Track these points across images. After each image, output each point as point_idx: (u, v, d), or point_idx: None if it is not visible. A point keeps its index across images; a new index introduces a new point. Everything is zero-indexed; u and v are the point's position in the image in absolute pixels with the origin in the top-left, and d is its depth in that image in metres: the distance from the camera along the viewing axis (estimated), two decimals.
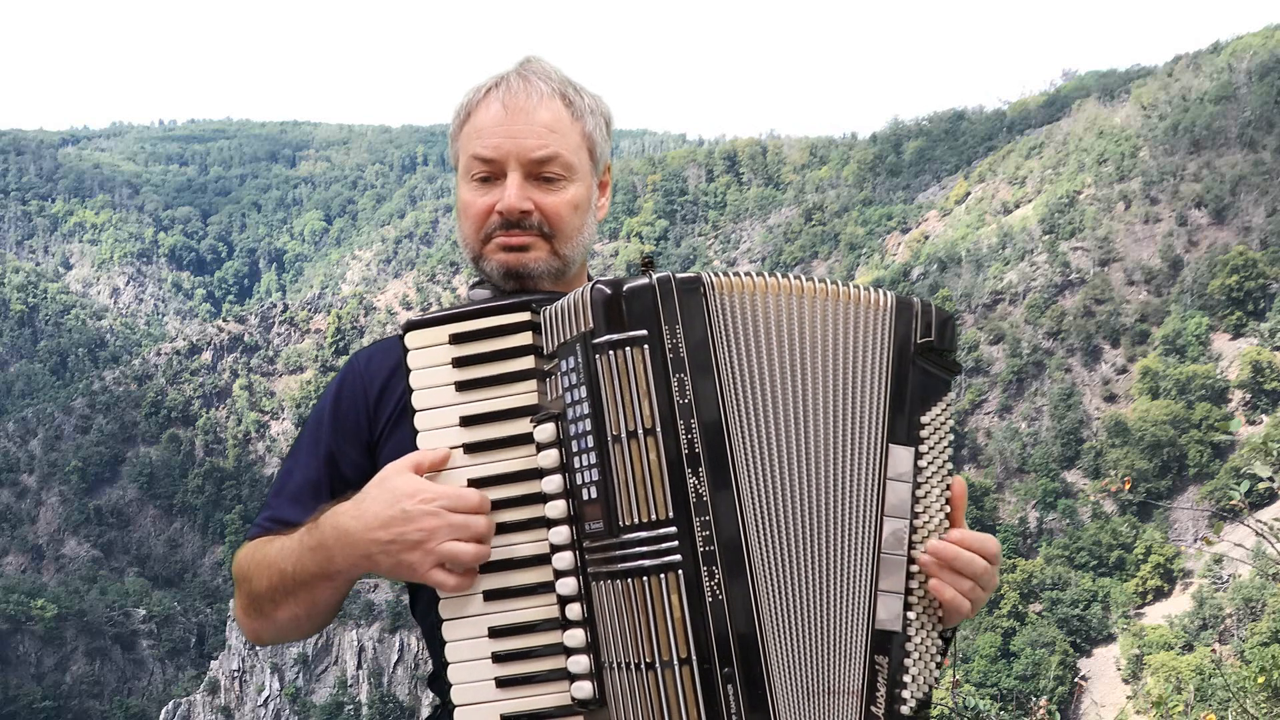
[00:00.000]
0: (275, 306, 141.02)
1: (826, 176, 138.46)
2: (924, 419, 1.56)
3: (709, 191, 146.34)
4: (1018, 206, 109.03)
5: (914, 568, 1.54)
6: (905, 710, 1.53)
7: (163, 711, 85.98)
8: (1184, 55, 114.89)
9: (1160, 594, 69.24)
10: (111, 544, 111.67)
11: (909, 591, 1.54)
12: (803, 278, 1.50)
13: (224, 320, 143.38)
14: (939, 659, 1.59)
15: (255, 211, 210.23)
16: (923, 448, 1.56)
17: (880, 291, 1.55)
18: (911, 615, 1.54)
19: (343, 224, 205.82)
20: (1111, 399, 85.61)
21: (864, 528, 1.51)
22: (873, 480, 1.52)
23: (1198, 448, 74.48)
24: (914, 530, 1.55)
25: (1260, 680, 6.04)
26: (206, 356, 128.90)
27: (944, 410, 1.59)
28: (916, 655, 1.55)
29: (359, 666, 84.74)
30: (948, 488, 1.59)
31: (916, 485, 1.55)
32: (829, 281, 1.51)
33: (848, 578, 1.49)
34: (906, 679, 1.53)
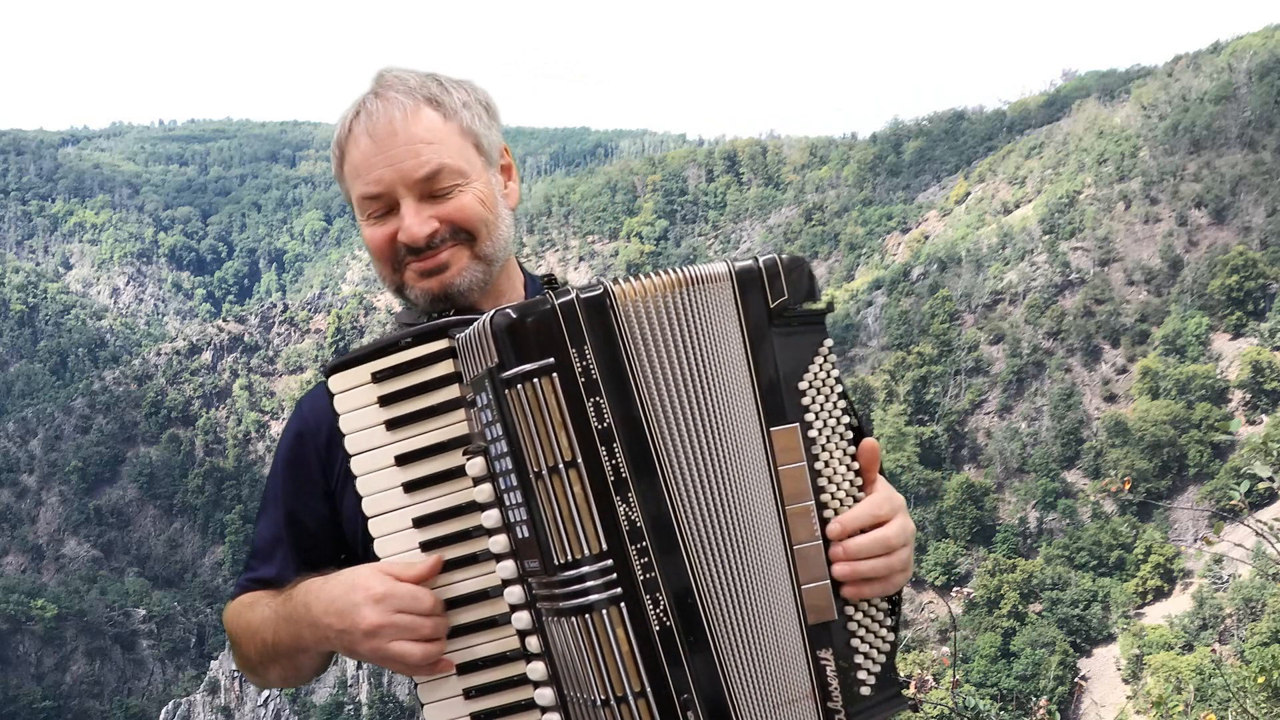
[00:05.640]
0: (275, 306, 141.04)
1: (826, 176, 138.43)
2: (802, 385, 1.45)
3: (709, 191, 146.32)
4: (1018, 206, 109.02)
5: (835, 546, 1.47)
6: (865, 691, 1.47)
7: (163, 711, 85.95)
8: (1184, 55, 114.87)
9: (1160, 594, 69.22)
10: (111, 544, 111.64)
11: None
12: (677, 268, 1.41)
13: (224, 320, 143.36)
14: (889, 622, 1.52)
15: (255, 211, 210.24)
16: (808, 416, 1.45)
17: (722, 263, 1.44)
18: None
19: (343, 224, 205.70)
20: (1111, 399, 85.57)
21: (771, 526, 1.43)
22: (766, 473, 1.43)
23: (1198, 448, 74.47)
24: (823, 508, 1.46)
25: (1260, 680, 6.03)
26: (206, 356, 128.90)
27: (823, 364, 1.47)
28: (862, 633, 1.48)
29: (359, 666, 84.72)
30: (852, 442, 1.49)
31: (813, 460, 1.45)
32: (685, 267, 1.42)
33: (774, 581, 1.43)
34: (858, 659, 1.47)
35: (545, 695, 1.39)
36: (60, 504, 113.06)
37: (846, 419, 1.48)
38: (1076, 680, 54.12)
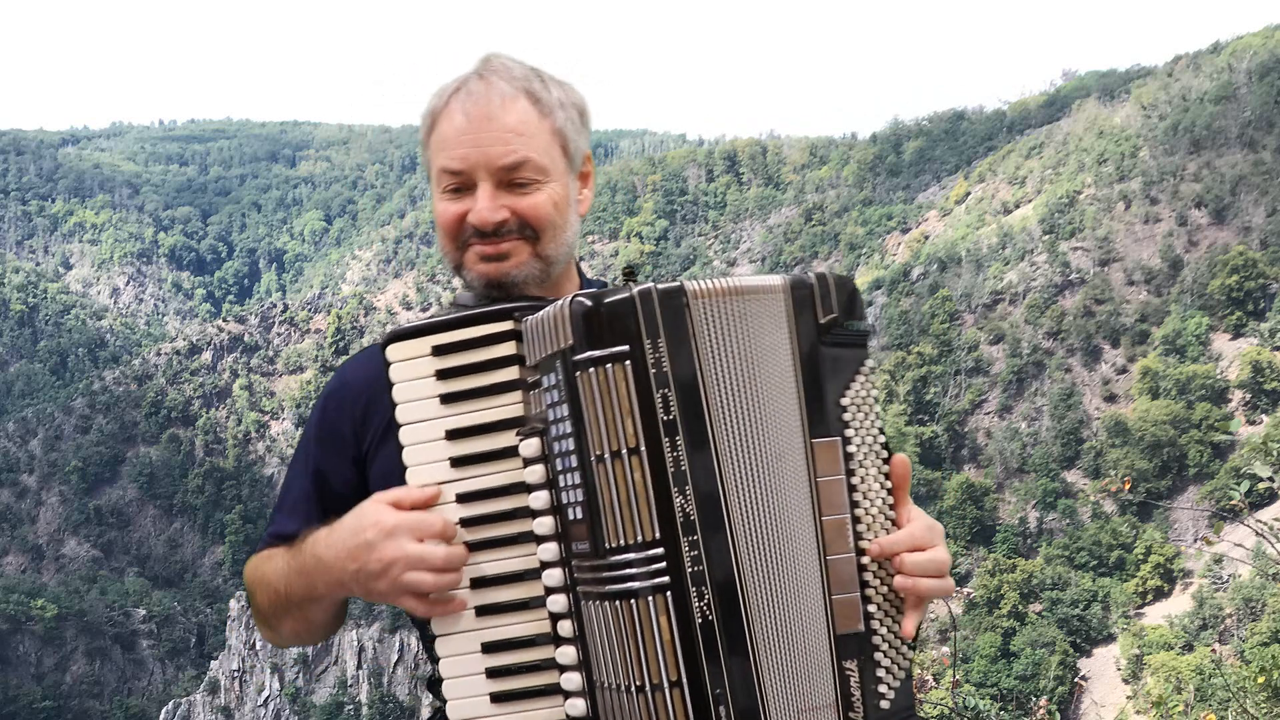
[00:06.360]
0: (275, 306, 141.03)
1: (826, 176, 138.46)
2: (844, 401, 1.49)
3: (709, 191, 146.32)
4: (1018, 206, 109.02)
5: (865, 559, 1.48)
6: (884, 705, 1.48)
7: (163, 711, 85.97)
8: (1184, 55, 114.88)
9: (1160, 594, 69.20)
10: (111, 544, 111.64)
11: (864, 585, 1.48)
12: (733, 277, 1.45)
13: (224, 320, 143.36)
14: (910, 640, 1.54)
15: (255, 211, 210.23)
16: (849, 432, 1.48)
17: (777, 276, 1.48)
18: (872, 608, 1.48)
19: (343, 224, 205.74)
20: (1111, 399, 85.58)
21: (809, 535, 1.46)
22: (807, 484, 1.46)
23: (1198, 448, 74.46)
24: (856, 521, 1.48)
25: (1260, 680, 6.03)
26: (206, 356, 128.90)
27: (864, 382, 1.51)
28: (886, 647, 1.49)
29: (359, 666, 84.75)
30: (885, 461, 1.52)
31: (850, 474, 1.48)
32: (741, 277, 1.45)
33: (808, 589, 1.45)
34: (880, 673, 1.48)
35: (572, 680, 1.40)
36: (60, 504, 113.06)
37: (882, 438, 1.52)
38: (1076, 680, 54.12)
